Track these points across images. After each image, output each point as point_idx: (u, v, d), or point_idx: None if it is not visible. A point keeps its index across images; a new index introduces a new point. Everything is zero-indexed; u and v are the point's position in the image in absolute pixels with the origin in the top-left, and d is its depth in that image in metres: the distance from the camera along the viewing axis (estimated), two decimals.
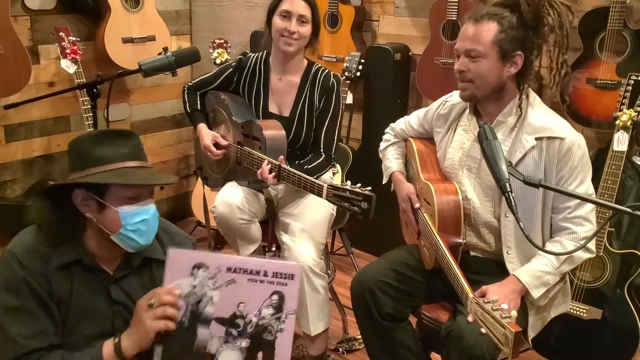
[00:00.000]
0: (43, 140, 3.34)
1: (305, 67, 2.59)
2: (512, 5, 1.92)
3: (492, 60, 1.90)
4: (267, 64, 2.62)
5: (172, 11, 3.81)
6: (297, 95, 2.58)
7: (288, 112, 2.59)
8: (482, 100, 2.00)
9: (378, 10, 3.65)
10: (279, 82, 2.60)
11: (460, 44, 1.94)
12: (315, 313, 2.44)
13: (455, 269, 1.83)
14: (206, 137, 2.62)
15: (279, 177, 2.31)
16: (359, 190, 2.02)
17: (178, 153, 4.08)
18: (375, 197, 1.99)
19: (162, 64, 2.28)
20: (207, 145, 2.59)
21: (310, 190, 2.20)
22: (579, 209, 1.91)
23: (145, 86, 3.77)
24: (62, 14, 3.28)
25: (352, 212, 2.04)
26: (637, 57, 2.66)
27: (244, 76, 2.65)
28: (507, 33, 1.88)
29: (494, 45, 1.89)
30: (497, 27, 1.88)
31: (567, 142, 1.88)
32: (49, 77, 3.29)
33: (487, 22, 1.89)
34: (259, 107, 2.62)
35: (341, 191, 2.07)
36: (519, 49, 1.90)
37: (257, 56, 2.65)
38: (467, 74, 1.93)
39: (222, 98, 2.64)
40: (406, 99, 3.59)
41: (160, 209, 4.39)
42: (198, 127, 2.68)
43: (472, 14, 1.94)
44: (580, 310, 2.56)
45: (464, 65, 1.93)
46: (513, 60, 1.92)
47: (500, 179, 1.67)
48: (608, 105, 2.69)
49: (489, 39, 1.88)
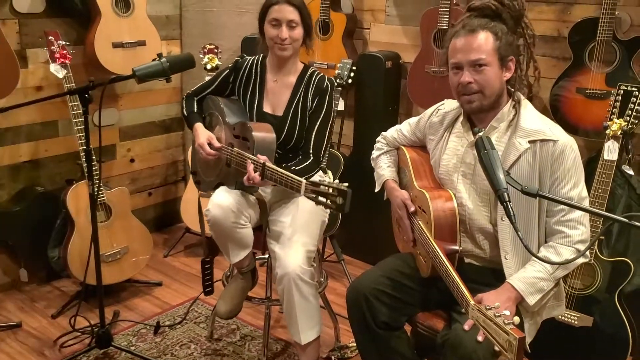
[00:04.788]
0: (30, 145, 3.30)
1: (301, 69, 2.61)
2: (492, 15, 1.98)
3: (495, 67, 1.94)
4: (264, 66, 2.65)
5: (162, 16, 3.79)
6: (292, 95, 2.59)
7: (281, 112, 2.59)
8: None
9: (369, 18, 3.67)
10: (274, 83, 2.61)
11: (463, 57, 1.95)
12: (304, 321, 2.43)
13: (454, 276, 1.83)
14: (202, 135, 2.60)
15: (263, 175, 2.31)
16: (334, 186, 2.02)
17: (167, 159, 4.05)
18: (350, 192, 1.98)
19: (156, 70, 2.27)
20: (202, 143, 2.57)
21: (291, 187, 2.19)
22: (572, 212, 1.93)
23: (135, 91, 3.74)
24: (51, 17, 3.25)
25: (328, 207, 2.04)
26: (626, 67, 2.70)
27: (239, 77, 2.67)
28: (501, 40, 1.94)
29: (495, 52, 1.93)
30: (493, 36, 1.94)
31: (560, 144, 1.91)
32: (37, 82, 3.25)
33: (482, 32, 1.93)
34: (253, 107, 2.63)
35: (319, 186, 2.07)
36: (511, 54, 1.97)
37: (254, 59, 2.68)
38: (474, 86, 1.94)
39: (218, 101, 2.65)
40: (397, 106, 3.60)
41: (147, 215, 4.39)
42: (195, 127, 2.66)
43: (462, 27, 1.97)
44: (572, 317, 2.58)
45: (471, 77, 1.94)
46: (507, 66, 1.98)
47: (499, 189, 1.69)
48: (597, 114, 2.72)
49: (489, 47, 1.93)
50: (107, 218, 3.11)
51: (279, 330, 3.04)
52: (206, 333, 2.97)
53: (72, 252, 3.02)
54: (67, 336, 2.86)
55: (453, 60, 1.98)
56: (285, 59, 2.55)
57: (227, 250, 2.55)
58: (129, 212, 3.24)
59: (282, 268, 2.37)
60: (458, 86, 1.98)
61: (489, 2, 1.97)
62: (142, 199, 3.96)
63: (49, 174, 3.40)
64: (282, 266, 2.37)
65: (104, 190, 3.10)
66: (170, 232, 4.11)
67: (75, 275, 3.06)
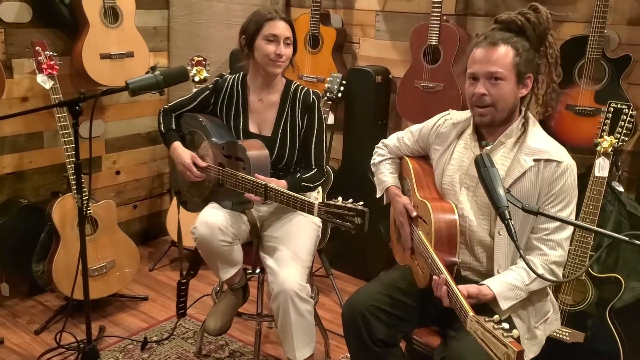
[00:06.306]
0: (14, 156, 3.24)
1: (284, 85, 2.59)
2: (516, 30, 1.97)
3: (511, 83, 1.94)
4: (245, 85, 2.61)
5: (150, 27, 3.75)
6: (278, 114, 2.56)
7: (269, 132, 2.57)
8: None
9: (359, 32, 3.68)
10: (259, 102, 2.58)
11: (480, 68, 1.94)
12: (300, 338, 2.40)
13: (453, 287, 1.82)
14: (184, 155, 2.55)
15: (266, 196, 2.28)
16: (351, 206, 2.02)
17: (152, 171, 4.01)
18: (368, 211, 1.99)
19: (150, 83, 2.23)
20: (188, 164, 2.53)
21: (301, 208, 2.18)
22: (555, 234, 1.95)
23: (121, 102, 3.70)
24: (37, 27, 3.20)
25: (345, 227, 2.03)
26: (615, 85, 2.74)
27: (221, 98, 2.62)
28: (521, 56, 1.93)
29: (513, 68, 1.93)
30: (513, 51, 1.92)
31: (562, 165, 1.93)
32: (23, 92, 3.20)
33: (503, 45, 1.92)
34: (239, 128, 2.59)
35: (333, 207, 2.05)
36: (530, 71, 1.97)
37: (234, 78, 2.63)
38: (487, 98, 1.94)
39: (199, 120, 2.59)
40: (386, 121, 3.61)
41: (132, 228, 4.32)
42: (173, 146, 2.60)
43: (484, 39, 1.96)
44: (563, 333, 2.59)
45: (485, 89, 1.94)
46: (524, 83, 1.97)
47: (500, 206, 1.69)
48: (586, 131, 2.75)
49: (508, 61, 1.92)
50: (93, 231, 3.06)
51: (268, 346, 3.01)
52: (194, 349, 2.93)
53: (57, 266, 2.96)
54: (52, 352, 2.79)
55: (470, 70, 1.98)
56: (274, 76, 2.53)
57: (216, 268, 2.51)
58: (115, 225, 3.18)
59: (278, 284, 2.34)
60: (472, 97, 1.98)
61: (515, 17, 1.95)
62: (127, 212, 3.90)
63: (33, 186, 3.34)
64: (278, 283, 2.34)
65: (91, 203, 3.05)
66: (155, 245, 4.05)
67: (60, 290, 3.00)
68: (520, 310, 1.98)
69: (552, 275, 1.95)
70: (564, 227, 1.95)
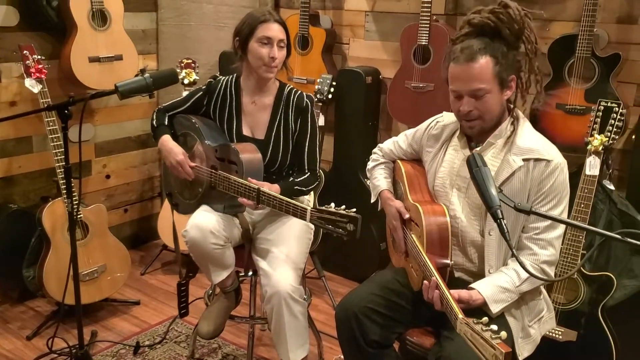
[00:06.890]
0: (3, 161, 3.21)
1: (278, 88, 2.57)
2: (491, 33, 1.94)
3: (496, 93, 1.93)
4: (238, 87, 2.59)
5: (138, 30, 3.73)
6: (272, 117, 2.55)
7: (262, 135, 2.56)
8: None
9: (348, 33, 3.68)
10: (252, 104, 2.57)
11: (462, 86, 1.92)
12: (294, 340, 2.39)
13: (444, 290, 1.82)
14: (176, 150, 2.51)
15: (259, 200, 2.27)
16: (344, 212, 2.02)
17: (143, 174, 3.98)
18: (361, 218, 1.99)
19: (139, 85, 2.21)
20: (181, 160, 2.49)
21: (293, 213, 2.17)
22: (545, 232, 1.95)
23: (110, 106, 3.68)
24: (25, 31, 3.17)
25: (337, 234, 2.03)
26: (605, 83, 2.75)
27: (214, 99, 2.61)
28: (501, 64, 1.91)
29: (495, 77, 1.91)
30: (493, 60, 1.90)
31: (552, 164, 1.92)
32: (11, 97, 3.17)
33: (481, 57, 1.89)
34: (232, 131, 2.57)
35: (325, 213, 2.05)
36: (512, 73, 1.95)
37: (227, 79, 2.61)
38: (474, 112, 1.94)
39: (193, 121, 2.57)
40: (377, 122, 3.61)
41: (123, 232, 4.30)
42: (162, 139, 2.54)
43: (460, 54, 1.91)
44: (556, 332, 2.60)
45: (471, 105, 1.93)
46: (508, 86, 1.96)
47: (492, 206, 1.68)
48: (577, 129, 2.76)
49: (489, 73, 1.90)
50: (84, 236, 3.04)
51: (261, 349, 2.99)
52: (187, 353, 2.91)
53: (47, 271, 2.94)
54: (44, 358, 2.77)
55: (452, 88, 1.96)
56: (268, 79, 2.51)
57: (208, 271, 2.49)
58: (106, 229, 3.16)
59: (271, 287, 2.33)
60: (459, 112, 1.97)
61: (487, 18, 1.92)
62: (117, 216, 3.87)
63: (22, 191, 3.31)
64: (271, 285, 2.33)
65: (81, 208, 3.02)
66: (146, 249, 4.03)
67: (51, 295, 2.97)
68: (514, 310, 1.99)
69: (543, 275, 1.96)
70: (554, 226, 1.95)
